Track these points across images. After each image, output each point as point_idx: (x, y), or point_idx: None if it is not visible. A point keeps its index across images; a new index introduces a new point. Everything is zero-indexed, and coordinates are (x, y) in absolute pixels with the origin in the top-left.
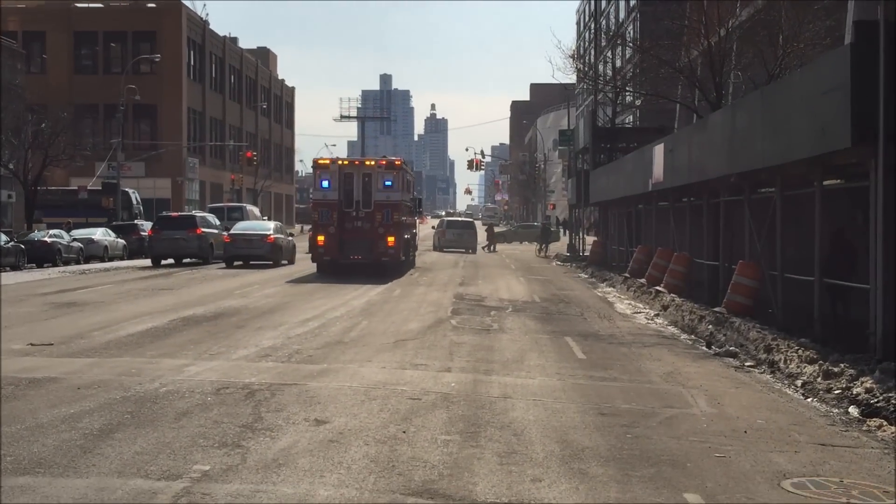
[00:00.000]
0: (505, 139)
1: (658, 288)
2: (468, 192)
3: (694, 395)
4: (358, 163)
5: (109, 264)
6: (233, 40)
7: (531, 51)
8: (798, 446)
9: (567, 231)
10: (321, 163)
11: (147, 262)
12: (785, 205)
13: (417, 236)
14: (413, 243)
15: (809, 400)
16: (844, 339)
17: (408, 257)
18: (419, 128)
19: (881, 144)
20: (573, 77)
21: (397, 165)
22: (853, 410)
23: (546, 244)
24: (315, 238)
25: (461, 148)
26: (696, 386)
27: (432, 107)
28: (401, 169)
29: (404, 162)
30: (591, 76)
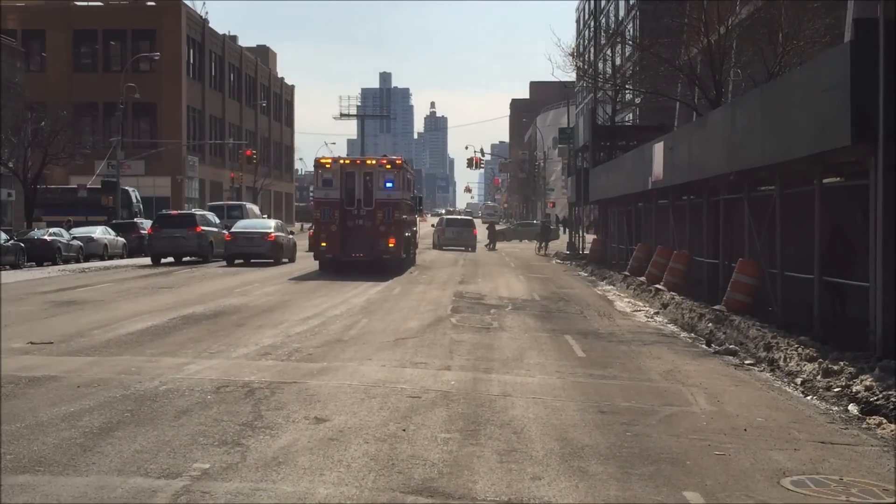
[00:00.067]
0: (505, 137)
1: (658, 286)
2: (468, 191)
3: (693, 394)
4: (359, 162)
5: (109, 263)
6: (232, 38)
7: (531, 49)
8: (798, 444)
9: (567, 229)
10: (323, 162)
11: (147, 261)
12: (784, 203)
13: (418, 234)
14: (413, 241)
15: (809, 398)
16: (844, 337)
17: (408, 255)
18: (419, 126)
19: (881, 142)
20: (573, 75)
21: (398, 165)
22: (853, 408)
23: (546, 242)
24: (317, 236)
25: (461, 146)
26: (696, 384)
27: (432, 105)
28: (401, 168)
29: (405, 161)
30: (591, 74)
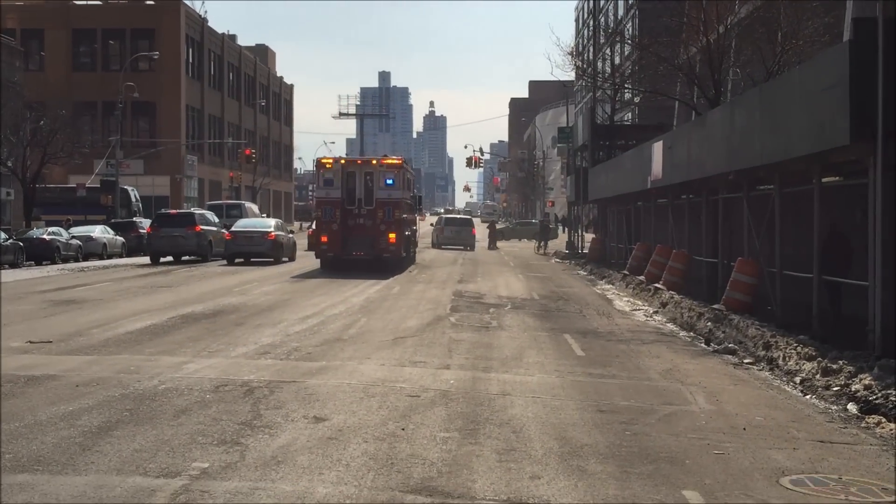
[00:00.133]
0: (504, 136)
1: (657, 285)
2: (467, 190)
3: (693, 393)
4: (360, 162)
5: (108, 262)
6: (231, 38)
7: (530, 48)
8: (797, 443)
9: (566, 228)
10: (325, 162)
11: (146, 260)
12: (783, 202)
13: (417, 233)
14: (413, 240)
15: (808, 397)
16: (843, 336)
17: (408, 253)
18: (418, 125)
19: (880, 141)
20: (572, 74)
21: (398, 164)
22: (852, 407)
23: (545, 241)
24: (318, 235)
25: (460, 145)
26: (695, 383)
27: (431, 104)
28: (401, 168)
29: (405, 161)
30: (590, 73)
